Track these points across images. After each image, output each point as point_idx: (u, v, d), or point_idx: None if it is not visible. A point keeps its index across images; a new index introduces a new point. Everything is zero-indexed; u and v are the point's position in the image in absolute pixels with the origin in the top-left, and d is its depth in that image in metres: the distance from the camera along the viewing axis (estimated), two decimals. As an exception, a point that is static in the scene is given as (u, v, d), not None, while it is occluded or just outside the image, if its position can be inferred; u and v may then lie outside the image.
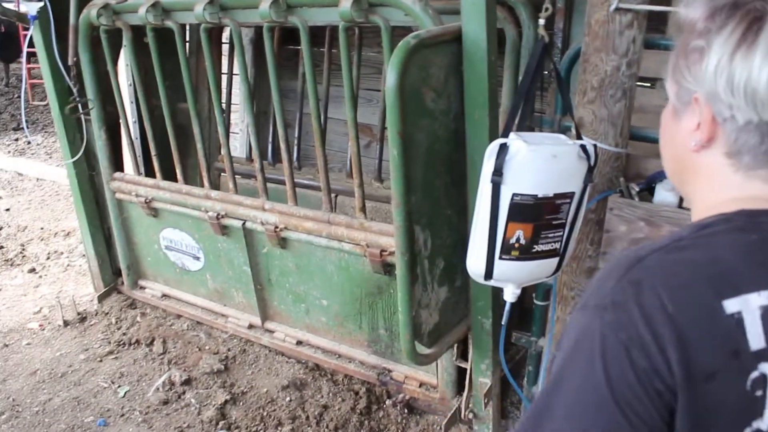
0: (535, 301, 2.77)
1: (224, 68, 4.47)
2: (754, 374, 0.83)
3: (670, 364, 0.82)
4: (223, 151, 3.35)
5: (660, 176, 2.24)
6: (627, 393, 0.83)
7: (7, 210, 6.19)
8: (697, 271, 0.87)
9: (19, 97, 10.08)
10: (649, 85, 3.26)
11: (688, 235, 0.92)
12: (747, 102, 0.88)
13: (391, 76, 2.09)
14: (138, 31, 3.37)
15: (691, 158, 0.99)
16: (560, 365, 0.91)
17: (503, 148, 1.82)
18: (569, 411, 0.87)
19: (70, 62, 3.42)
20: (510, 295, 2.07)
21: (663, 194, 2.22)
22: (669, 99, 1.06)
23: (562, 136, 1.98)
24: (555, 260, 2.01)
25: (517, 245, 1.91)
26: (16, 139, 8.44)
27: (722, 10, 0.91)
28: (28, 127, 8.76)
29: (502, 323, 2.20)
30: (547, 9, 2.02)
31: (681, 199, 2.20)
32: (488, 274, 1.98)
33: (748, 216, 0.91)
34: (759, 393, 0.83)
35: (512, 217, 1.87)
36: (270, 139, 4.37)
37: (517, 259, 1.94)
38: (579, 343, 0.89)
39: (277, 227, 3.12)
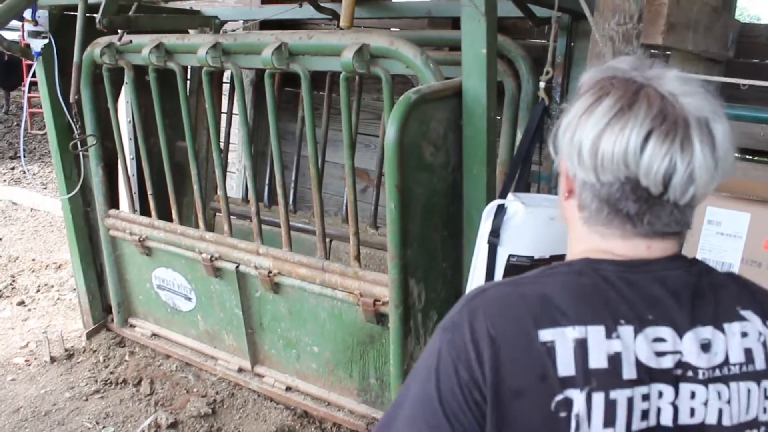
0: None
1: (224, 107, 4.49)
2: (559, 397, 0.92)
3: (485, 378, 0.93)
4: (219, 193, 3.36)
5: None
6: (453, 404, 0.94)
7: (0, 239, 6.16)
8: (524, 304, 0.97)
9: (18, 125, 10.11)
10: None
11: (534, 274, 1.05)
12: (580, 162, 0.98)
13: (391, 131, 2.11)
14: (140, 70, 3.39)
15: (564, 206, 1.10)
16: (408, 379, 1.03)
17: (501, 209, 1.82)
18: (408, 420, 0.98)
19: (71, 100, 3.43)
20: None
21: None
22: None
23: (560, 198, 1.99)
24: (550, 321, 2.00)
25: (512, 306, 1.90)
26: (13, 168, 8.44)
27: (598, 82, 1.01)
28: (25, 156, 8.76)
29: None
30: (547, 72, 2.04)
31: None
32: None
33: (588, 263, 1.02)
34: (563, 414, 0.92)
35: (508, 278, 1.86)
36: (267, 181, 4.38)
37: (512, 319, 1.92)
38: (425, 359, 1.01)
39: (270, 272, 3.11)
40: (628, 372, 0.94)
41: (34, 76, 3.71)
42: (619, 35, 2.06)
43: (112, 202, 3.84)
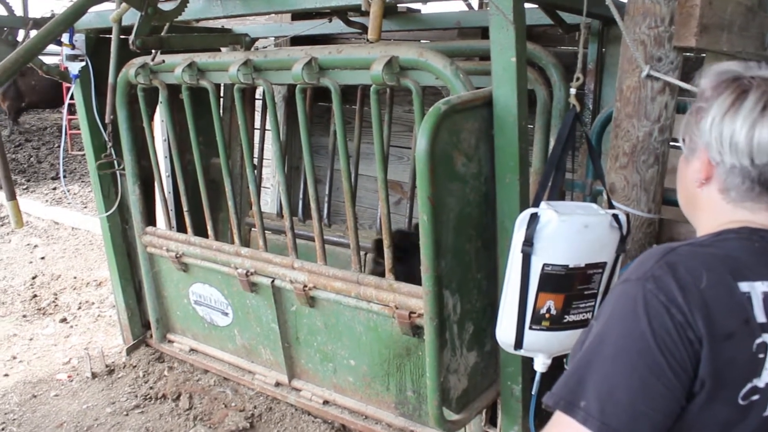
0: (566, 366, 2.71)
1: (257, 123, 4.54)
2: (759, 340, 1.08)
3: (697, 321, 1.06)
4: (254, 209, 3.38)
5: (695, 243, 2.19)
6: (667, 340, 1.06)
7: (42, 258, 6.30)
8: (717, 261, 1.14)
9: (59, 146, 10.33)
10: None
11: (707, 240, 1.21)
12: (731, 151, 1.18)
13: (422, 142, 2.10)
14: (174, 89, 3.44)
15: (696, 193, 1.29)
16: (603, 325, 1.13)
17: (534, 218, 1.80)
18: (615, 357, 1.08)
19: (107, 120, 3.49)
20: (540, 365, 2.03)
21: (698, 262, 2.18)
22: (683, 149, 1.35)
23: (594, 205, 1.96)
24: (587, 330, 1.97)
25: (547, 315, 1.87)
26: (54, 188, 8.63)
27: (723, 82, 1.23)
28: (65, 176, 8.95)
29: (533, 392, 2.15)
30: (578, 78, 2.01)
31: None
32: (518, 344, 1.94)
33: (750, 231, 1.20)
34: (761, 355, 1.08)
35: (543, 287, 1.84)
36: (301, 195, 4.40)
37: (548, 329, 1.90)
38: (621, 306, 1.12)
39: (306, 286, 3.12)
40: None
41: (72, 98, 3.80)
42: (651, 39, 2.04)
43: (149, 219, 3.90)
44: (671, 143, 2.20)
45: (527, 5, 2.30)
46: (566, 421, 1.10)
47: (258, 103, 4.67)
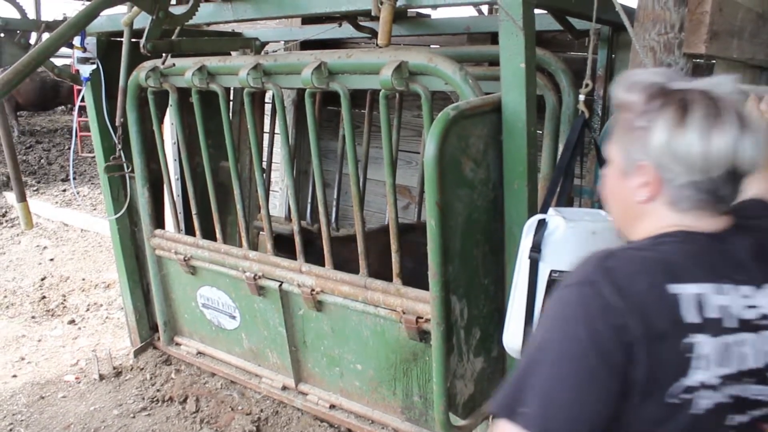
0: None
1: (266, 127, 4.55)
2: (686, 340, 1.11)
3: (633, 324, 1.09)
4: (262, 212, 3.39)
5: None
6: (603, 343, 1.09)
7: (51, 260, 6.32)
8: (653, 264, 1.17)
9: (69, 148, 10.39)
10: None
11: (645, 243, 1.24)
12: (686, 169, 1.17)
13: (430, 147, 2.10)
14: (184, 93, 3.46)
15: (638, 208, 1.26)
16: (543, 331, 1.18)
17: (542, 224, 1.80)
18: (554, 362, 1.11)
19: (117, 123, 3.51)
20: (547, 371, 2.02)
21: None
22: (612, 162, 1.32)
23: (602, 212, 1.95)
24: (594, 337, 1.96)
25: (555, 322, 1.87)
26: (64, 190, 8.67)
27: (656, 95, 1.20)
28: (75, 178, 8.99)
29: (540, 399, 2.14)
30: (587, 85, 2.01)
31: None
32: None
33: (686, 234, 1.21)
34: (688, 355, 1.11)
35: (550, 293, 1.83)
36: (309, 199, 4.41)
37: (555, 335, 1.89)
38: (560, 311, 1.16)
39: (313, 290, 3.12)
40: (730, 322, 1.15)
41: (83, 100, 3.82)
42: (660, 45, 2.04)
43: (158, 222, 3.91)
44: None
45: (537, 11, 2.30)
46: (508, 428, 1.12)
47: (267, 107, 4.68)
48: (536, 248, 1.79)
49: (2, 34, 3.19)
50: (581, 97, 2.05)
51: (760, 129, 1.18)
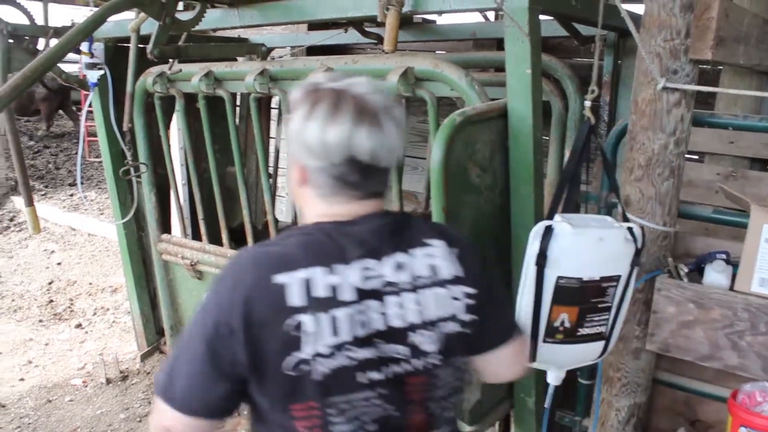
0: (579, 379, 2.70)
1: (272, 132, 4.56)
2: (290, 321, 1.26)
3: (236, 316, 1.26)
4: (268, 217, 3.39)
5: (710, 257, 2.18)
6: (214, 334, 1.27)
7: (59, 264, 6.35)
8: (268, 258, 1.33)
9: (77, 153, 10.43)
10: (697, 158, 3.22)
11: (278, 238, 1.43)
12: (312, 155, 1.32)
13: (436, 153, 2.10)
14: (190, 98, 3.47)
15: (301, 195, 1.43)
16: (191, 320, 1.35)
17: (548, 231, 1.79)
18: (184, 348, 1.33)
19: (125, 128, 3.53)
20: (554, 378, 2.02)
21: (713, 276, 2.16)
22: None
23: (609, 218, 1.95)
24: (601, 344, 1.96)
25: (561, 329, 1.86)
26: (71, 195, 8.69)
27: (307, 92, 1.35)
28: (82, 183, 9.02)
29: (546, 406, 2.14)
30: (593, 91, 2.01)
31: (732, 282, 2.14)
32: (532, 356, 1.92)
33: (316, 226, 1.38)
34: (295, 334, 1.26)
35: (557, 300, 1.83)
36: (315, 204, 4.41)
37: (562, 342, 1.89)
38: (202, 304, 1.34)
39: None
40: (348, 296, 1.30)
41: (90, 105, 3.84)
42: (666, 51, 2.03)
43: (165, 227, 3.92)
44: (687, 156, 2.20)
45: (542, 17, 2.30)
46: (157, 402, 1.34)
47: (273, 112, 4.69)
48: (543, 254, 1.78)
49: (11, 40, 3.21)
50: (587, 103, 2.04)
51: (388, 126, 1.33)
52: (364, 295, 1.31)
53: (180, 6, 3.06)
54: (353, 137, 1.29)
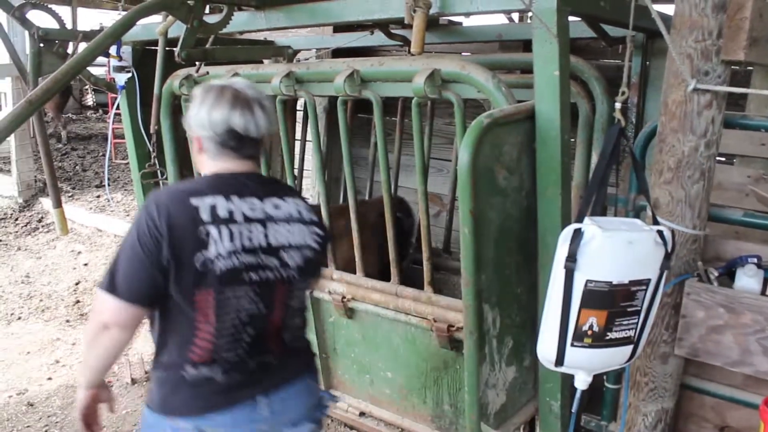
0: (606, 383, 2.67)
1: (298, 134, 4.57)
2: (201, 228, 1.78)
3: (163, 225, 1.75)
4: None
5: (741, 261, 2.15)
6: (144, 238, 1.75)
7: (86, 265, 6.41)
8: (183, 190, 1.86)
9: (104, 155, 10.54)
10: (725, 160, 3.18)
11: (186, 182, 2.05)
12: (204, 128, 1.88)
13: (464, 155, 2.10)
14: (217, 101, 3.48)
15: (198, 158, 1.99)
16: (126, 233, 1.82)
17: (577, 234, 1.78)
18: (122, 249, 1.79)
19: (152, 130, 3.56)
20: (581, 382, 2.00)
21: (745, 280, 2.13)
22: (189, 135, 2.09)
23: (638, 221, 1.93)
24: (629, 348, 1.94)
25: (589, 332, 1.85)
26: (98, 196, 8.77)
27: (207, 88, 1.92)
28: (109, 184, 9.11)
29: (573, 410, 2.12)
30: (623, 92, 1.99)
31: (764, 286, 2.11)
32: (559, 360, 1.91)
33: (215, 174, 1.92)
34: (204, 239, 1.78)
35: (585, 303, 1.81)
36: (340, 206, 4.41)
37: (590, 346, 1.87)
38: (135, 221, 1.81)
39: (344, 297, 3.13)
40: (239, 218, 1.84)
41: (118, 108, 3.88)
42: (698, 52, 2.01)
43: (191, 228, 3.93)
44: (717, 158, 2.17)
45: (570, 18, 2.29)
46: (100, 294, 1.78)
47: (299, 114, 4.71)
48: (572, 258, 1.77)
49: (42, 44, 3.26)
50: (617, 105, 2.02)
51: (257, 110, 1.87)
52: (251, 220, 1.86)
53: (207, 9, 3.08)
54: (230, 115, 1.84)
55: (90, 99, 13.80)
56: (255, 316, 1.87)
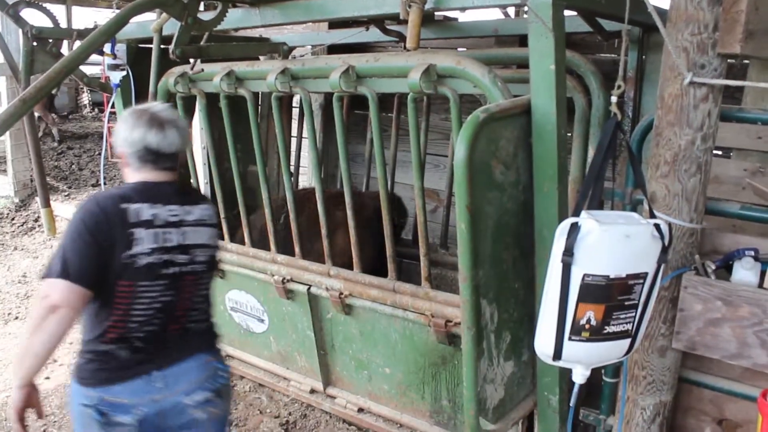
0: (604, 377, 2.67)
1: (294, 131, 4.57)
2: (129, 230, 2.07)
3: (108, 220, 2.05)
4: (290, 216, 3.39)
5: (739, 254, 2.15)
6: (89, 230, 2.03)
7: (82, 264, 6.39)
8: (114, 195, 2.13)
9: (100, 154, 10.51)
10: (721, 153, 3.18)
11: (117, 188, 2.21)
12: (126, 145, 2.17)
13: (460, 150, 2.09)
14: (212, 98, 3.48)
15: (125, 170, 2.25)
16: (69, 224, 2.07)
17: (574, 228, 1.78)
18: (66, 237, 2.04)
19: (147, 128, 3.54)
20: (579, 376, 2.00)
21: (742, 273, 2.13)
22: (116, 148, 2.31)
23: (635, 215, 1.93)
24: (627, 342, 1.94)
25: (587, 326, 1.85)
26: (94, 195, 8.76)
27: (133, 111, 2.23)
28: (105, 183, 9.09)
29: (571, 404, 2.12)
30: (619, 86, 1.99)
31: (762, 279, 2.11)
32: (557, 355, 1.91)
33: (139, 182, 2.19)
34: (131, 239, 2.07)
35: (583, 297, 1.81)
36: (337, 202, 4.40)
37: (588, 340, 1.87)
38: (74, 217, 2.06)
39: (341, 293, 3.12)
40: (159, 222, 2.14)
41: (113, 106, 3.86)
42: (694, 46, 2.00)
43: (187, 226, 3.92)
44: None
45: (566, 12, 2.28)
46: (48, 281, 2.00)
47: (295, 111, 4.70)
48: (569, 252, 1.77)
49: (35, 43, 3.24)
50: (613, 99, 2.02)
51: (170, 130, 2.17)
52: (169, 224, 2.17)
53: (201, 6, 3.06)
54: (146, 135, 2.14)
55: (86, 97, 13.80)
56: (166, 303, 2.18)
